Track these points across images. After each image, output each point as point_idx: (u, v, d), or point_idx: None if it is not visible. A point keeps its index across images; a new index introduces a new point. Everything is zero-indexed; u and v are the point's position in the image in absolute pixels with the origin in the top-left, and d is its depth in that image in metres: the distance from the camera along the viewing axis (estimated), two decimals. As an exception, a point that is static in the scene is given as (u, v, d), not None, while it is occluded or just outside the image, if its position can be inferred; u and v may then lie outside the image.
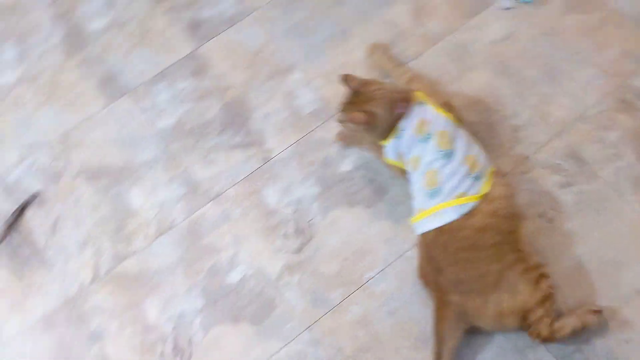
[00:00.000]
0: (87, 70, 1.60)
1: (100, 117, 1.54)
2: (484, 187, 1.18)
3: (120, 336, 1.31)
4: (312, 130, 1.48)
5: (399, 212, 1.37)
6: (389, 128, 1.24)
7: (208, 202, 1.42)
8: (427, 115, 1.24)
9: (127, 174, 1.47)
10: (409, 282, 1.31)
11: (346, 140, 1.42)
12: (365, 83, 1.24)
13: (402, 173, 1.30)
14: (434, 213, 1.18)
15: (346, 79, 1.23)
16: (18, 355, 1.32)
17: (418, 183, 1.22)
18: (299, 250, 1.36)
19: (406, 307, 1.29)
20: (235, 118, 1.51)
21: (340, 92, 1.26)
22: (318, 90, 1.52)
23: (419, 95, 1.27)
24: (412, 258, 1.31)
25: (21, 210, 1.38)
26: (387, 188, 1.40)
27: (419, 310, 1.28)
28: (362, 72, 1.50)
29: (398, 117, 1.23)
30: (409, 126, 1.22)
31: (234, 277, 1.36)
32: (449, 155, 1.20)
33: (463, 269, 1.16)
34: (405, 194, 1.33)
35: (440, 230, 1.17)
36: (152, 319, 1.33)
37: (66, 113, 1.55)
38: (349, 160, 1.44)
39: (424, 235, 1.21)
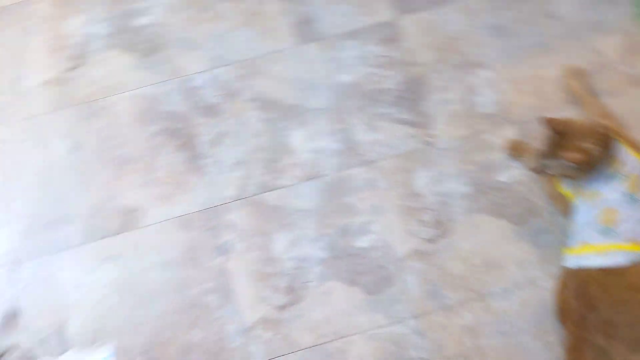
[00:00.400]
0: (290, 6, 1.66)
1: (288, 54, 1.60)
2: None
3: (244, 257, 1.38)
4: (483, 131, 1.46)
5: (543, 240, 1.33)
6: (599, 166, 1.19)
7: (360, 166, 1.45)
8: (621, 155, 1.18)
9: (294, 113, 1.52)
10: (531, 310, 1.28)
11: (528, 163, 1.38)
12: (568, 123, 1.19)
13: (564, 208, 1.26)
14: (605, 252, 1.13)
15: (549, 122, 1.18)
16: (150, 243, 1.43)
17: (589, 216, 1.18)
18: (431, 240, 1.37)
19: (519, 333, 1.27)
20: (411, 95, 1.52)
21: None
22: (501, 93, 1.49)
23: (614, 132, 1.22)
24: (542, 288, 1.28)
25: None
26: (539, 212, 1.36)
27: (531, 341, 1.25)
28: (549, 89, 1.45)
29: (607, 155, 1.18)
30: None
31: (362, 242, 1.38)
32: (635, 200, 1.14)
33: (620, 311, 1.11)
34: (554, 225, 1.29)
35: (606, 270, 1.13)
36: (277, 252, 1.39)
37: (258, 40, 1.63)
38: (509, 173, 1.41)
39: (581, 269, 1.17)
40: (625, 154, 1.19)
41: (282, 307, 1.34)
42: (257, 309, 1.34)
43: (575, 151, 1.15)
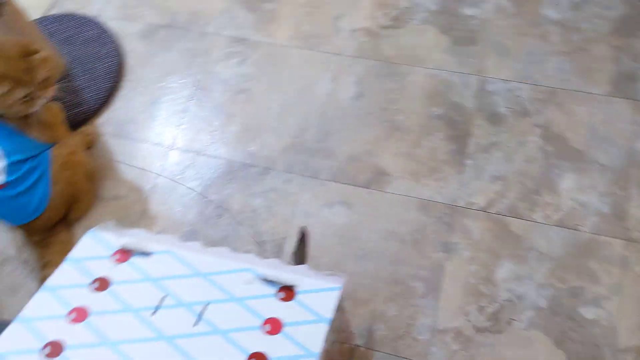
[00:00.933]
0: (621, 56, 1.59)
1: (595, 100, 1.55)
2: None
3: (465, 265, 1.37)
4: None
5: None
6: None
7: (621, 238, 1.36)
8: None
9: (575, 158, 1.47)
10: None
11: None
12: None
13: None
14: None
15: None
16: (386, 209, 1.49)
17: None
18: (667, 350, 1.23)
19: None
20: None
21: None
22: None
23: None
24: None
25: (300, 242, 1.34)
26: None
27: None
28: None
29: None
30: None
31: (588, 312, 1.30)
32: None
33: None
34: None
35: None
36: (498, 277, 1.35)
37: (572, 74, 1.60)
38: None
39: None
40: None
41: (480, 330, 1.30)
42: (456, 318, 1.32)
43: None
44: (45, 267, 1.44)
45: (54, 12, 1.89)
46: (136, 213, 1.54)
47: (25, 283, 1.48)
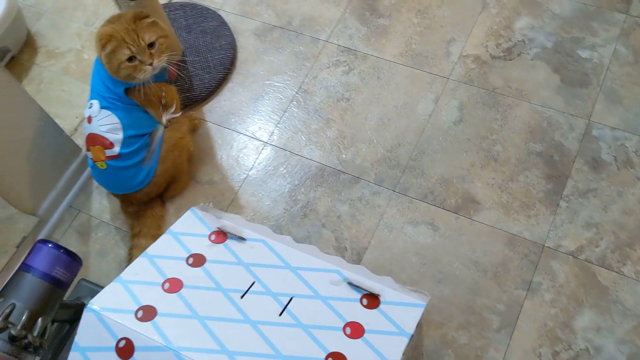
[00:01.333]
0: None
1: None
2: None
3: (544, 307, 1.36)
4: None
5: None
6: None
7: None
8: None
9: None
10: None
11: None
12: None
13: None
14: None
15: None
16: (471, 237, 1.49)
17: None
18: None
19: None
20: None
21: None
22: None
23: None
24: None
25: None
26: None
27: None
28: None
29: None
30: None
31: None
32: None
33: None
34: None
35: None
36: (577, 325, 1.32)
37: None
38: None
39: None
40: None
41: (551, 374, 1.27)
42: (527, 357, 1.30)
43: None
44: (135, 236, 1.52)
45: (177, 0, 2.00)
46: (226, 200, 1.60)
47: (114, 249, 1.57)
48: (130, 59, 1.31)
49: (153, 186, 1.48)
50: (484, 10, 1.79)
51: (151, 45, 1.33)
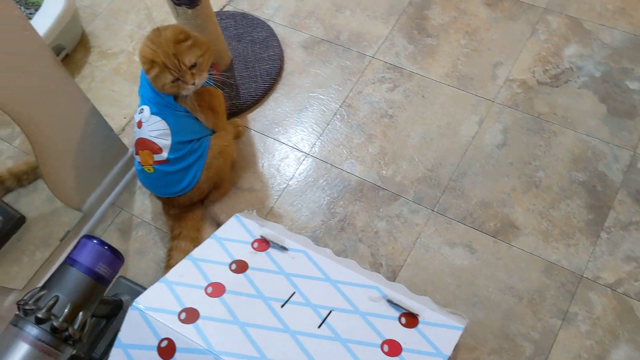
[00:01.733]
0: None
1: None
2: None
3: (579, 338, 1.35)
4: None
5: None
6: None
7: None
8: None
9: None
10: None
11: None
12: None
13: None
14: None
15: None
16: (509, 262, 1.48)
17: None
18: None
19: None
20: None
21: None
22: None
23: None
24: None
25: None
26: None
27: None
28: None
29: None
30: None
31: None
32: None
33: None
34: None
35: None
36: (612, 359, 1.31)
37: None
38: None
39: None
40: None
41: (584, 407, 1.26)
42: (561, 388, 1.28)
43: None
44: (175, 238, 1.55)
45: (229, 8, 2.04)
46: (266, 208, 1.62)
47: (153, 249, 1.60)
48: (174, 80, 1.36)
49: (196, 191, 1.51)
50: (533, 36, 1.79)
51: (192, 66, 1.37)
